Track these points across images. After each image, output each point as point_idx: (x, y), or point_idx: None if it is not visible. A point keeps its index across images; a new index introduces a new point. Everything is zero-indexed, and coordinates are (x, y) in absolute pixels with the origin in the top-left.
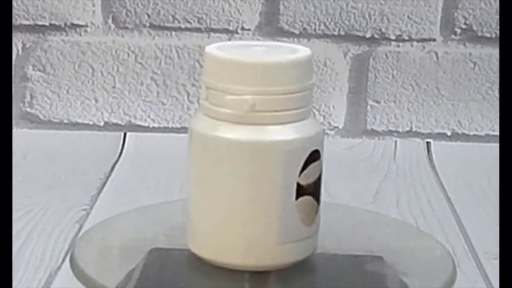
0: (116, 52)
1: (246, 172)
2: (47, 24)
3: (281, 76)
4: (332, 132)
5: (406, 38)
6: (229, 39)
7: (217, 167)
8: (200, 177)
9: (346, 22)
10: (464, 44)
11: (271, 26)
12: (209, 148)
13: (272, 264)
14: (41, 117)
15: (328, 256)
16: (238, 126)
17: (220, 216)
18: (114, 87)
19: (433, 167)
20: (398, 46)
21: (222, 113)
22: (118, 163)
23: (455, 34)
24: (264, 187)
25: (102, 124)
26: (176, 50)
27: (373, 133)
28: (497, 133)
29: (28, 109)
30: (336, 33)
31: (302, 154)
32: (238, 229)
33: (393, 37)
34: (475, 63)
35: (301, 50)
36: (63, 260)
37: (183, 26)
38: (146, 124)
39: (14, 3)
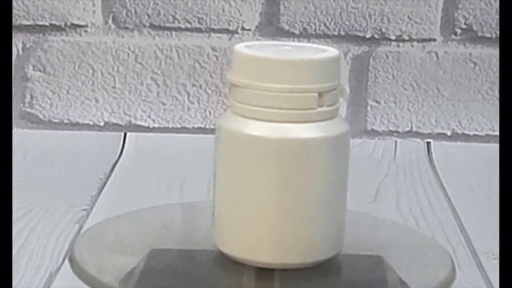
0: (116, 52)
1: (275, 170)
2: (47, 24)
3: (315, 73)
4: None
5: (406, 38)
6: (229, 39)
7: (246, 164)
8: (229, 175)
9: (346, 22)
10: (464, 44)
11: (271, 26)
12: (238, 146)
13: (301, 263)
14: (41, 117)
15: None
16: (267, 124)
17: (249, 215)
18: (114, 87)
19: (433, 167)
20: (398, 46)
21: (252, 111)
22: (118, 163)
23: (455, 34)
24: (294, 185)
25: (102, 124)
26: (176, 50)
27: (373, 133)
28: (497, 133)
29: (28, 109)
30: (336, 33)
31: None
32: (268, 228)
33: (393, 37)
34: (475, 63)
35: (329, 50)
36: (63, 260)
37: (183, 26)
38: (146, 124)
39: (14, 3)
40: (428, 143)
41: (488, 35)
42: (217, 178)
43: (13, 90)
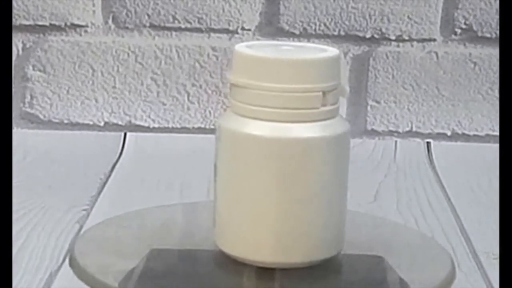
0: (116, 52)
1: (275, 170)
2: (47, 24)
3: (317, 73)
4: None
5: (406, 38)
6: (229, 39)
7: (247, 164)
8: (229, 175)
9: (346, 22)
10: (464, 44)
11: (271, 26)
12: (238, 145)
13: (301, 262)
14: (41, 117)
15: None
16: (268, 124)
17: (250, 214)
18: (114, 87)
19: (433, 167)
20: (398, 46)
21: (252, 111)
22: (118, 163)
23: (455, 34)
24: (294, 185)
25: (102, 124)
26: (176, 50)
27: (373, 133)
28: (497, 133)
29: (28, 109)
30: (336, 33)
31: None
32: (268, 227)
33: (393, 37)
34: (475, 63)
35: (330, 50)
36: (63, 260)
37: (183, 26)
38: (146, 124)
39: (14, 3)
40: (428, 143)
41: (488, 35)
42: (217, 178)
43: (13, 90)
